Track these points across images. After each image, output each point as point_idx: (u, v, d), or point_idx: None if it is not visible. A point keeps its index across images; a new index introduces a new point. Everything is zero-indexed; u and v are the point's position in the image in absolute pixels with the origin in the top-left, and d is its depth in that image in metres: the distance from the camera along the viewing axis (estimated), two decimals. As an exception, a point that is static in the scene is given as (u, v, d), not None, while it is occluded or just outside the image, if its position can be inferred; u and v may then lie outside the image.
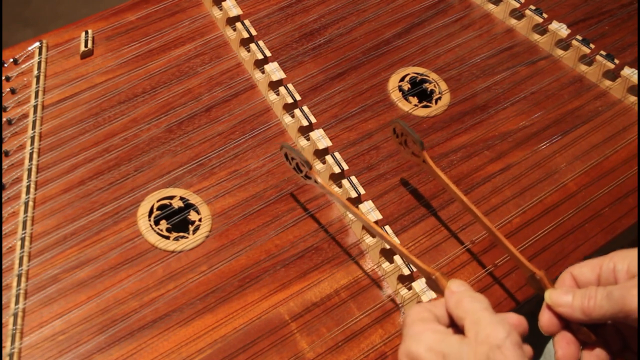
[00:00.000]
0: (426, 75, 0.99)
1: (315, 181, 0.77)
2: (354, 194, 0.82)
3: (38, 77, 0.91)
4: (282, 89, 0.90)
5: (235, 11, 0.97)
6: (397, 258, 0.78)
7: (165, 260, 0.79)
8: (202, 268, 0.79)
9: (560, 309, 0.64)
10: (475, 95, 0.98)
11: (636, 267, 0.62)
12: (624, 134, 0.96)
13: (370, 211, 0.81)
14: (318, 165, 0.87)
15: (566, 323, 0.65)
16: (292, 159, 0.79)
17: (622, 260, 0.64)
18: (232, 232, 0.82)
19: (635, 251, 0.64)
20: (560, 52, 1.03)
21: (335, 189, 0.85)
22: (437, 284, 0.66)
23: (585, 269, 0.65)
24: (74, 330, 0.74)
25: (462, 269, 0.82)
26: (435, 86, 0.98)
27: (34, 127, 0.87)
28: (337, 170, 0.84)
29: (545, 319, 0.66)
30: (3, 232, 0.79)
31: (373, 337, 0.77)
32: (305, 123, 0.88)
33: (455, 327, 0.62)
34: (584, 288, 0.64)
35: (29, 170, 0.83)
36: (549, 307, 0.65)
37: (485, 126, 0.95)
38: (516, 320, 0.62)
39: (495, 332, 0.58)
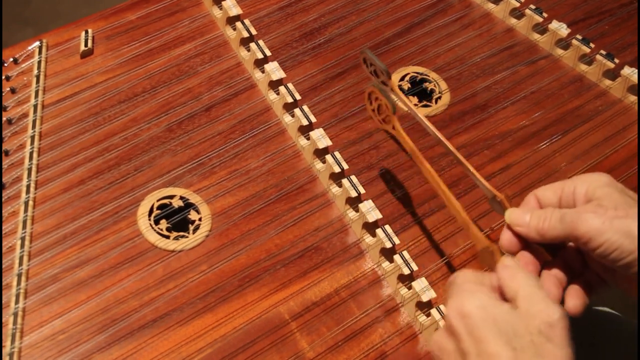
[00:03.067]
0: (426, 75, 0.99)
1: (393, 127, 0.78)
2: (354, 194, 0.82)
3: (38, 77, 0.91)
4: (282, 89, 0.90)
5: (235, 10, 0.96)
6: (397, 257, 0.78)
7: (165, 260, 0.79)
8: (202, 267, 0.79)
9: (517, 228, 0.66)
10: (475, 94, 0.98)
11: (593, 190, 0.64)
12: (623, 134, 0.96)
13: (370, 211, 0.81)
14: (318, 165, 0.87)
15: (526, 243, 0.67)
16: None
17: (582, 183, 0.65)
18: (232, 232, 0.82)
19: (595, 175, 0.66)
20: (560, 51, 1.03)
21: (335, 188, 0.85)
22: (491, 256, 0.67)
23: (549, 192, 0.67)
24: (74, 330, 0.74)
25: (461, 269, 0.82)
26: (435, 85, 0.98)
27: (34, 127, 0.87)
28: (337, 169, 0.84)
29: (505, 238, 0.67)
30: (3, 232, 0.79)
31: (373, 337, 0.77)
32: (305, 122, 0.88)
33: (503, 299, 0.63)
34: (542, 209, 0.66)
35: (29, 170, 0.83)
36: (509, 227, 0.67)
37: (485, 125, 0.95)
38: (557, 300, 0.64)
39: (549, 309, 0.58)
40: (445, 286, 0.65)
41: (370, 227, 0.82)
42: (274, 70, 0.92)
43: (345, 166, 0.85)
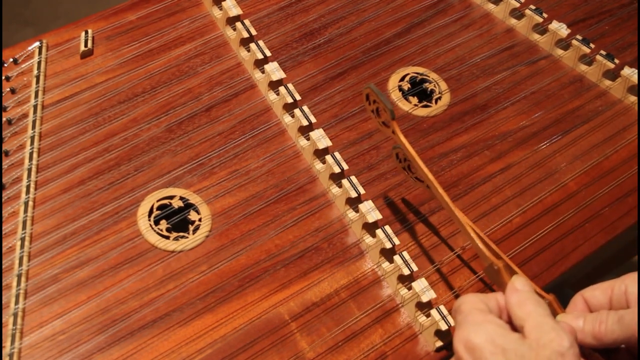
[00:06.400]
0: (426, 75, 0.99)
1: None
2: (354, 194, 0.82)
3: (38, 77, 0.91)
4: (282, 89, 0.90)
5: (235, 11, 0.96)
6: (397, 258, 0.78)
7: (165, 260, 0.79)
8: (202, 268, 0.79)
9: None
10: (475, 95, 0.98)
11: None
12: (624, 134, 0.96)
13: (370, 211, 0.81)
14: (318, 165, 0.87)
15: (579, 348, 0.63)
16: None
17: (634, 282, 0.63)
18: (232, 232, 0.82)
19: None
20: (560, 51, 1.03)
21: (335, 189, 0.85)
22: (499, 275, 0.65)
23: (597, 292, 0.64)
24: (74, 330, 0.74)
25: (462, 269, 0.82)
26: (435, 86, 0.98)
27: (33, 127, 0.87)
28: (337, 170, 0.84)
29: None
30: (3, 232, 0.79)
31: (373, 337, 0.77)
32: (305, 123, 0.88)
33: (510, 324, 0.61)
34: (594, 312, 0.63)
35: (29, 170, 0.83)
36: None
37: (485, 126, 0.95)
38: (569, 328, 0.62)
39: (559, 339, 0.57)
40: (451, 312, 0.64)
41: (370, 228, 0.82)
42: (274, 70, 0.92)
43: (345, 166, 0.85)
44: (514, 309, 0.61)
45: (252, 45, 0.94)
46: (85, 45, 0.95)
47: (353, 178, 0.84)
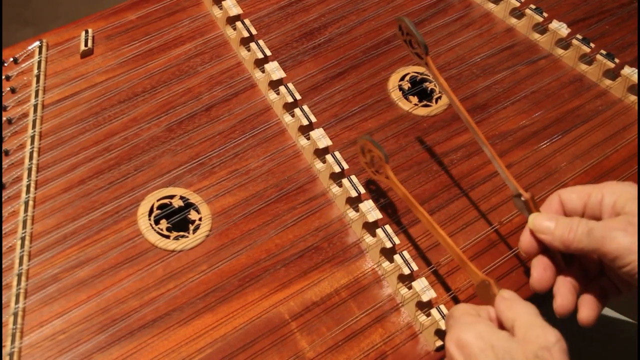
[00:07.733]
0: (426, 75, 0.99)
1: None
2: (354, 193, 0.82)
3: (38, 76, 0.91)
4: (282, 88, 0.90)
5: (235, 10, 0.96)
6: (397, 257, 0.78)
7: (165, 260, 0.79)
8: (202, 267, 0.79)
9: (541, 235, 0.65)
10: (475, 94, 0.98)
11: (623, 203, 0.62)
12: (624, 133, 0.96)
13: (370, 210, 0.81)
14: (318, 165, 0.87)
15: (545, 247, 0.66)
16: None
17: (610, 193, 0.63)
18: (232, 232, 0.82)
19: (625, 185, 0.64)
20: (560, 51, 1.02)
21: (335, 188, 0.85)
22: (490, 288, 0.66)
23: (574, 195, 0.66)
24: (74, 330, 0.74)
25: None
26: (435, 85, 0.98)
27: (34, 126, 0.87)
28: (337, 169, 0.84)
29: (526, 242, 0.66)
30: (3, 231, 0.79)
31: (373, 337, 0.77)
32: (305, 122, 0.88)
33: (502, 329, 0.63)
34: (567, 218, 0.64)
35: (29, 170, 0.83)
36: (531, 231, 0.66)
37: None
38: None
39: (545, 334, 0.58)
40: (445, 320, 0.66)
41: (371, 227, 0.82)
42: (274, 70, 0.92)
43: (346, 166, 0.85)
44: (505, 312, 0.62)
45: (252, 45, 0.94)
46: (85, 45, 0.95)
47: (353, 177, 0.84)
